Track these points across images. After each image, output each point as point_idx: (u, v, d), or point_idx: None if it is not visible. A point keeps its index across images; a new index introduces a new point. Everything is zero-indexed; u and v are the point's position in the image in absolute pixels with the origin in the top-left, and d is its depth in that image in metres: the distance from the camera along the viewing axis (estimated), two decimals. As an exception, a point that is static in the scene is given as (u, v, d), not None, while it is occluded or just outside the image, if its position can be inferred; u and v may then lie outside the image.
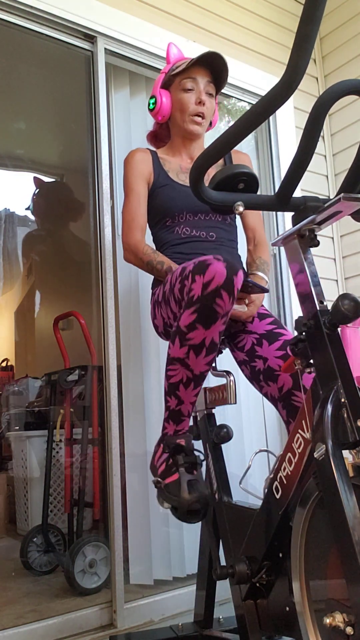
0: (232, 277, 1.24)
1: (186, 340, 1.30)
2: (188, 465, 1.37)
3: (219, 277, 1.23)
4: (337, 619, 0.95)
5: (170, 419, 1.41)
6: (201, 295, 1.25)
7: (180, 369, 1.33)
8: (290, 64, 0.89)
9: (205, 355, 1.31)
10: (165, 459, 1.42)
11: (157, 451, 1.47)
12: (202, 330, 1.27)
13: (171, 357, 1.35)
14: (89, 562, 2.16)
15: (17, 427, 3.46)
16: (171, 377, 1.36)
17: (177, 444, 1.39)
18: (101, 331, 2.09)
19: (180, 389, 1.35)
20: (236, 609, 1.35)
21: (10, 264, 4.69)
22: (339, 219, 1.12)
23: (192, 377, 1.33)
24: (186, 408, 1.39)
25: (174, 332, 1.34)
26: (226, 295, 1.24)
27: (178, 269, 1.42)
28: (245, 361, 1.56)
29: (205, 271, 1.24)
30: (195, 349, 1.30)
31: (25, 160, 4.06)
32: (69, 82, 2.76)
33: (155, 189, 1.76)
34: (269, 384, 1.48)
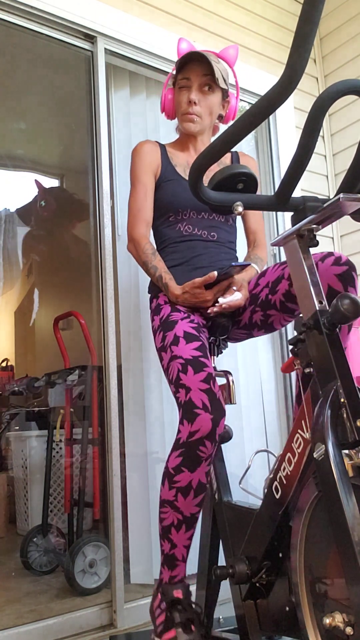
0: (215, 429, 1.31)
1: (174, 482, 1.34)
2: (185, 622, 1.33)
3: (205, 429, 1.30)
4: (337, 619, 0.95)
5: (165, 564, 1.39)
6: (186, 442, 1.32)
7: (171, 511, 1.35)
8: (289, 64, 0.89)
9: (193, 497, 1.34)
10: (163, 609, 1.38)
11: (155, 597, 1.43)
12: (188, 474, 1.32)
13: (162, 499, 1.38)
14: (89, 562, 2.16)
15: (17, 427, 3.46)
16: (163, 520, 1.38)
17: (173, 597, 1.36)
18: (101, 331, 2.09)
19: (172, 533, 1.36)
20: (236, 609, 1.35)
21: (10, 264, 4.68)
22: (338, 218, 1.12)
23: (183, 519, 1.35)
24: (180, 552, 1.38)
25: (164, 474, 1.38)
26: (209, 443, 1.31)
27: (174, 373, 1.42)
28: (252, 310, 1.57)
29: (193, 421, 1.31)
30: (182, 492, 1.33)
31: (25, 160, 4.06)
32: (69, 82, 2.76)
33: (161, 182, 1.76)
34: (276, 290, 1.50)
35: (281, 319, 1.54)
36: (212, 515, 1.52)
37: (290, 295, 1.47)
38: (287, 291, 1.47)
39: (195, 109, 1.73)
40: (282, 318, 1.53)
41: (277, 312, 1.52)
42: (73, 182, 4.22)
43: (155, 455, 2.21)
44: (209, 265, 1.68)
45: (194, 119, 1.75)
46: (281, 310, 1.51)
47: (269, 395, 2.58)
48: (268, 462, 2.37)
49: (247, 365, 2.50)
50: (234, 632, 1.49)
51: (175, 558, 1.38)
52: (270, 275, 1.54)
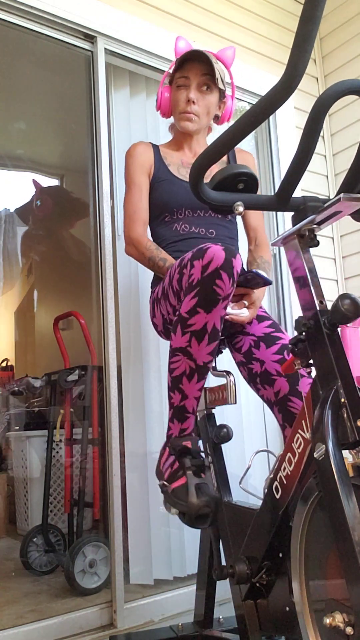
0: (230, 258, 1.24)
1: (188, 326, 1.28)
2: (195, 468, 1.32)
3: (218, 258, 1.23)
4: (337, 619, 0.95)
5: (175, 417, 1.37)
6: (201, 278, 1.24)
7: (183, 359, 1.31)
8: (290, 64, 0.89)
9: (207, 343, 1.28)
10: (171, 462, 1.37)
11: (162, 455, 1.43)
12: (204, 314, 1.26)
13: (173, 347, 1.33)
14: (89, 562, 2.16)
15: (17, 427, 3.46)
16: (174, 370, 1.33)
17: (183, 446, 1.35)
18: (101, 331, 2.09)
19: (183, 382, 1.32)
20: (236, 609, 1.35)
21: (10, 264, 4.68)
22: (338, 219, 1.12)
23: (195, 367, 1.30)
24: (190, 404, 1.35)
25: (175, 321, 1.32)
26: (226, 276, 1.23)
27: (177, 261, 1.42)
28: (243, 362, 1.56)
29: (203, 255, 1.25)
30: (197, 336, 1.28)
31: (25, 160, 4.06)
32: (69, 82, 2.76)
33: (155, 183, 1.76)
34: (265, 387, 1.48)
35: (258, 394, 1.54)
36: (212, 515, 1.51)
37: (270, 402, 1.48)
38: (269, 400, 1.47)
39: (194, 108, 1.73)
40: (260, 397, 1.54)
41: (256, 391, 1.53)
42: (73, 182, 4.22)
43: (155, 455, 2.20)
44: None
45: (192, 118, 1.74)
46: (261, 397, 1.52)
47: (269, 395, 2.58)
48: (268, 462, 2.37)
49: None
50: (234, 632, 1.49)
51: (186, 410, 1.35)
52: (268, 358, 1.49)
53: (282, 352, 1.49)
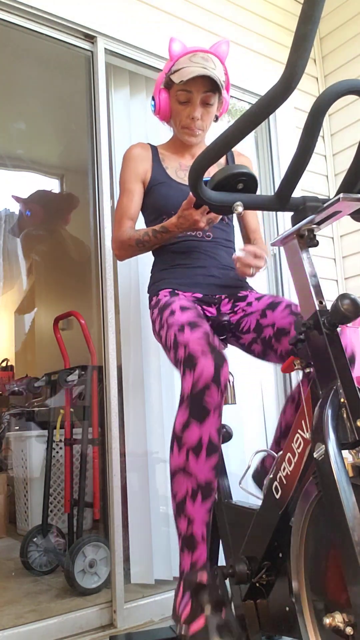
0: (219, 371, 1.28)
1: (183, 443, 1.28)
2: (214, 605, 1.19)
3: (207, 372, 1.26)
4: (337, 619, 0.95)
5: (184, 547, 1.28)
6: (191, 393, 1.28)
7: (183, 479, 1.27)
8: (289, 64, 0.89)
9: (206, 458, 1.26)
10: (186, 601, 1.24)
11: (177, 594, 1.28)
12: (197, 428, 1.26)
13: (172, 469, 1.30)
14: (89, 562, 2.16)
15: (17, 427, 3.46)
16: (177, 494, 1.29)
17: (197, 583, 1.23)
18: (101, 331, 2.09)
19: (187, 505, 1.26)
20: (236, 609, 1.35)
21: (10, 264, 4.68)
22: (338, 219, 1.12)
23: (197, 487, 1.26)
24: (199, 529, 1.27)
25: (171, 440, 1.32)
26: (215, 388, 1.27)
27: (171, 337, 1.41)
28: (254, 338, 1.54)
29: (194, 368, 1.28)
30: (194, 451, 1.26)
31: (25, 160, 4.06)
32: (69, 82, 2.76)
33: (152, 186, 1.75)
34: (281, 341, 1.46)
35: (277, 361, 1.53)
36: (212, 515, 1.51)
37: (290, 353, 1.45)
38: (289, 350, 1.45)
39: (198, 124, 1.71)
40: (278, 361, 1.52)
41: (275, 356, 1.51)
42: (73, 182, 4.22)
43: (155, 455, 2.21)
44: (206, 265, 1.68)
45: (196, 134, 1.74)
46: (279, 358, 1.50)
47: (269, 395, 2.58)
48: (268, 462, 2.36)
49: (247, 365, 2.50)
50: (234, 632, 1.49)
51: (194, 538, 1.27)
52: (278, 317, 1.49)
53: (289, 308, 1.49)
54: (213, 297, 1.66)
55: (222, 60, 1.72)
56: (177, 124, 1.75)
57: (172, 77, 1.68)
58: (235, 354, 2.44)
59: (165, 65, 1.76)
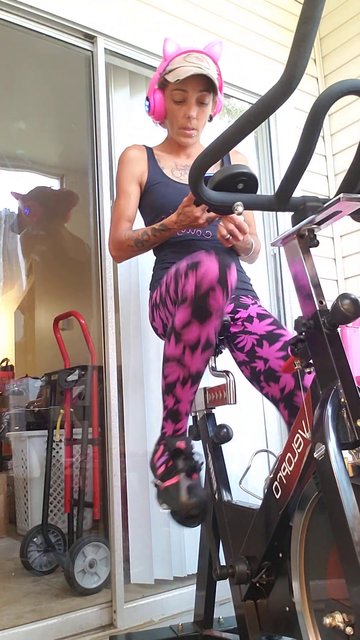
0: (224, 271, 1.24)
1: (182, 338, 1.30)
2: (188, 469, 1.35)
3: (212, 272, 1.23)
4: (337, 619, 0.95)
5: (169, 418, 1.40)
6: (195, 293, 1.25)
7: (177, 367, 1.33)
8: (289, 64, 0.89)
9: (201, 353, 1.30)
10: (165, 460, 1.39)
11: (157, 450, 1.44)
12: (197, 327, 1.27)
13: (167, 356, 1.35)
14: (89, 562, 2.16)
15: (17, 427, 3.46)
16: (168, 377, 1.35)
17: (176, 447, 1.37)
18: (101, 331, 2.09)
19: (177, 388, 1.35)
20: (236, 609, 1.35)
21: (10, 264, 4.69)
22: (338, 219, 1.12)
23: (189, 375, 1.33)
24: (184, 407, 1.38)
25: (169, 331, 1.33)
26: (219, 290, 1.24)
27: (172, 270, 1.42)
28: (246, 362, 1.55)
29: (197, 268, 1.25)
30: (190, 347, 1.29)
31: (25, 160, 4.06)
32: (69, 82, 2.76)
33: (149, 186, 1.76)
34: (269, 384, 1.48)
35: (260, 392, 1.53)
36: (212, 515, 1.52)
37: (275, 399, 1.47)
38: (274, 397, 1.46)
39: (194, 123, 1.72)
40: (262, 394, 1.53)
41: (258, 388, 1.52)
42: (73, 182, 4.22)
43: (155, 455, 2.21)
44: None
45: (192, 135, 1.75)
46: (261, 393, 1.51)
47: (269, 395, 2.57)
48: (268, 462, 2.36)
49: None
50: (234, 632, 1.49)
51: (179, 412, 1.37)
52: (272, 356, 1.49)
53: (285, 349, 1.49)
54: None
55: (215, 61, 1.73)
56: (173, 125, 1.76)
57: (166, 77, 1.69)
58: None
59: (160, 65, 1.76)
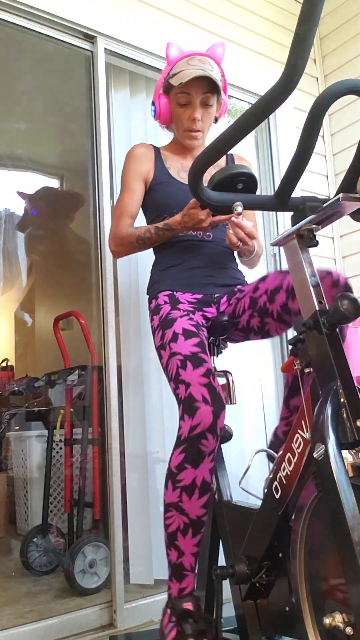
0: (216, 421, 1.31)
1: (178, 482, 1.32)
2: (197, 634, 1.29)
3: (206, 422, 1.30)
4: (337, 619, 0.95)
5: (173, 575, 1.37)
6: (188, 437, 1.31)
7: (176, 515, 1.33)
8: (289, 64, 0.89)
9: (198, 497, 1.32)
10: (172, 626, 1.34)
11: (164, 614, 1.39)
12: (192, 470, 1.31)
13: (166, 503, 1.36)
14: (89, 562, 2.16)
15: (17, 427, 3.46)
16: (169, 526, 1.35)
17: (183, 609, 1.32)
18: (101, 331, 2.09)
19: (178, 539, 1.34)
20: (236, 609, 1.35)
21: (10, 264, 4.69)
22: (338, 218, 1.12)
23: (189, 522, 1.32)
24: (188, 561, 1.35)
25: (166, 476, 1.36)
26: (211, 436, 1.30)
27: (173, 370, 1.42)
28: (250, 314, 1.55)
29: (193, 415, 1.31)
30: (187, 491, 1.31)
31: (25, 160, 4.06)
32: (69, 82, 2.76)
33: (154, 185, 1.76)
34: (274, 299, 1.47)
35: (277, 328, 1.52)
36: (212, 515, 1.51)
37: (287, 307, 1.45)
38: (285, 304, 1.45)
39: (199, 125, 1.73)
40: (278, 327, 1.52)
41: (273, 321, 1.51)
42: (73, 182, 4.22)
43: (155, 455, 2.21)
44: (206, 266, 1.69)
45: (198, 137, 1.75)
46: (277, 320, 1.50)
47: (269, 395, 2.57)
48: (268, 462, 2.36)
49: (247, 365, 2.50)
50: (234, 632, 1.49)
51: (183, 567, 1.35)
52: (270, 282, 1.52)
53: (278, 271, 1.51)
54: (212, 297, 1.66)
55: (218, 63, 1.75)
56: (179, 128, 1.76)
57: (170, 80, 1.70)
58: (235, 353, 2.44)
59: (164, 70, 1.78)
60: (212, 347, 1.61)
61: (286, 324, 1.50)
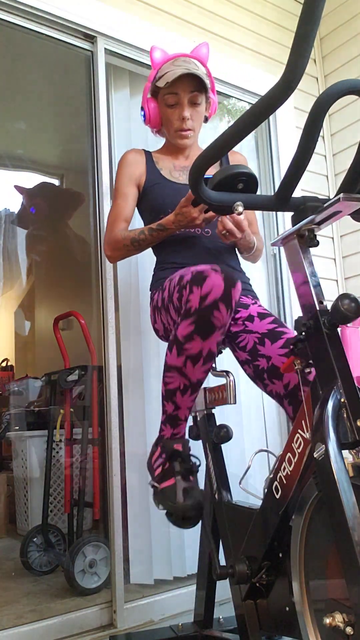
0: (230, 289, 1.25)
1: (183, 350, 1.31)
2: (184, 471, 1.37)
3: (217, 289, 1.24)
4: (337, 619, 0.95)
5: (168, 422, 1.42)
6: (199, 308, 1.25)
7: (177, 376, 1.34)
8: (289, 64, 0.89)
9: (202, 364, 1.32)
10: (162, 462, 1.42)
11: (154, 451, 1.46)
12: (200, 341, 1.28)
13: (168, 364, 1.36)
14: (89, 562, 2.16)
15: (17, 427, 3.46)
16: (168, 384, 1.37)
17: (174, 449, 1.39)
18: (101, 331, 2.09)
19: (177, 396, 1.37)
20: (236, 609, 1.35)
21: (10, 264, 4.69)
22: (338, 218, 1.12)
23: (189, 384, 1.35)
24: (183, 413, 1.40)
25: (171, 341, 1.35)
26: (224, 307, 1.25)
27: (175, 277, 1.42)
28: (248, 360, 1.54)
29: (202, 283, 1.25)
30: (192, 359, 1.31)
31: (25, 160, 4.06)
32: (69, 82, 2.76)
33: (147, 187, 1.77)
34: (273, 382, 1.46)
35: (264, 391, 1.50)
36: (212, 515, 1.52)
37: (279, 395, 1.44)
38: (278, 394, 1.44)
39: (189, 124, 1.74)
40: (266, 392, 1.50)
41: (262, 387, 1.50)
42: (73, 182, 4.22)
43: (155, 455, 2.21)
44: (207, 263, 1.68)
45: (189, 135, 1.76)
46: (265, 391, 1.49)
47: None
48: (268, 462, 2.36)
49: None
50: (234, 632, 1.49)
51: (178, 418, 1.40)
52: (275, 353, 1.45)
53: (288, 346, 1.46)
54: None
55: (203, 63, 1.76)
56: (170, 129, 1.78)
57: (157, 83, 1.72)
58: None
59: (150, 74, 1.79)
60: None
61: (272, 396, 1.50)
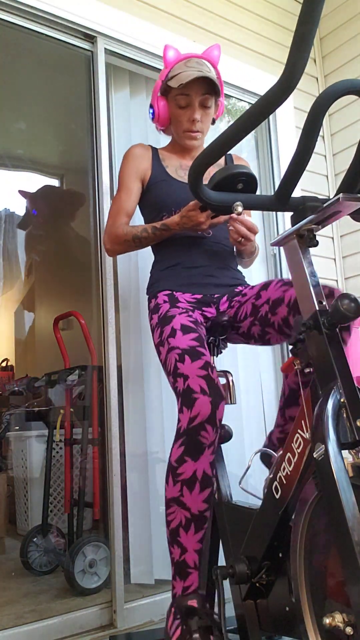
0: (215, 411, 1.31)
1: (178, 475, 1.32)
2: (203, 630, 1.24)
3: (204, 412, 1.30)
4: (337, 619, 0.95)
5: (177, 574, 1.33)
6: (187, 429, 1.31)
7: (177, 510, 1.32)
8: (289, 64, 0.89)
9: (199, 491, 1.31)
10: (177, 625, 1.30)
11: (169, 616, 1.34)
12: (192, 463, 1.30)
13: (167, 499, 1.35)
14: (89, 562, 2.16)
15: (17, 427, 3.46)
16: (171, 523, 1.34)
17: (188, 606, 1.28)
18: (101, 331, 2.09)
19: (181, 535, 1.32)
20: (236, 609, 1.35)
21: (10, 264, 4.69)
22: (338, 219, 1.12)
23: (191, 517, 1.31)
24: (191, 558, 1.32)
25: (167, 471, 1.36)
26: (210, 428, 1.30)
27: (171, 364, 1.42)
28: (252, 321, 1.54)
29: (192, 406, 1.31)
30: (187, 485, 1.31)
31: (25, 160, 4.06)
32: (69, 82, 2.76)
33: (151, 184, 1.77)
34: (276, 312, 1.47)
35: (278, 338, 1.52)
36: (212, 515, 1.51)
37: (288, 322, 1.44)
38: (286, 318, 1.44)
39: (198, 126, 1.74)
40: (279, 337, 1.51)
41: (274, 331, 1.50)
42: (73, 182, 4.22)
43: (155, 455, 2.21)
44: (205, 265, 1.69)
45: (197, 137, 1.76)
46: (278, 332, 1.49)
47: (269, 395, 2.57)
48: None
49: (247, 365, 2.50)
50: (234, 632, 1.49)
51: (187, 565, 1.32)
52: (272, 292, 1.51)
53: (282, 282, 1.50)
54: (212, 297, 1.66)
55: (214, 65, 1.76)
56: (178, 129, 1.77)
57: (169, 83, 1.71)
58: (235, 353, 2.45)
59: (161, 72, 1.78)
60: (211, 347, 1.61)
61: (286, 336, 1.49)
